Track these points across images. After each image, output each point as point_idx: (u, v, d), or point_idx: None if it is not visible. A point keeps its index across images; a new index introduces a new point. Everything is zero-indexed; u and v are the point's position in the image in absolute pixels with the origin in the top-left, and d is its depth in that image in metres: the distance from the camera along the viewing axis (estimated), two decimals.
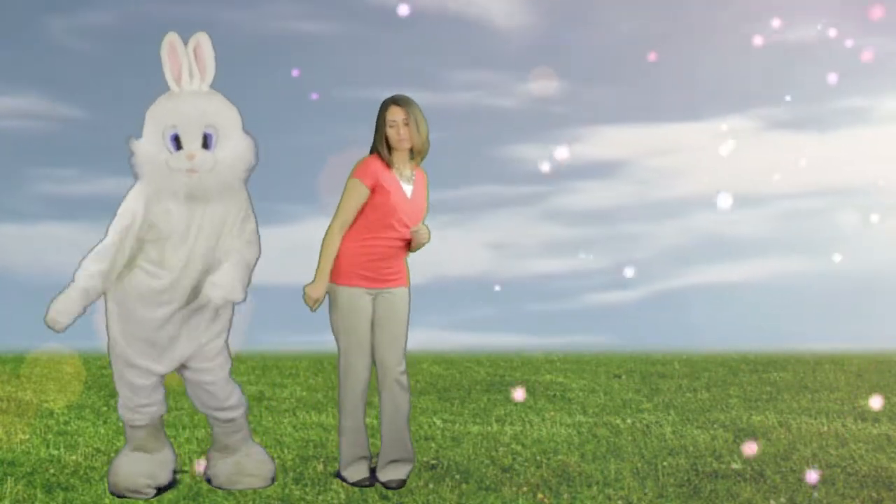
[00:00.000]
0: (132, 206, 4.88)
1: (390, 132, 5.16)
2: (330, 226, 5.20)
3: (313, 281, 5.19)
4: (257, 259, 5.06)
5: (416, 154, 5.24)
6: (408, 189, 5.23)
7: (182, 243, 4.89)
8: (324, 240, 5.20)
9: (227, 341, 5.16)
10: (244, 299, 4.99)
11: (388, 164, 5.19)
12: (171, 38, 4.87)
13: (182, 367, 5.11)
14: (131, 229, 4.85)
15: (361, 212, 5.17)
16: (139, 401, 5.04)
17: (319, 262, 5.20)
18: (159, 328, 4.96)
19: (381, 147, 5.19)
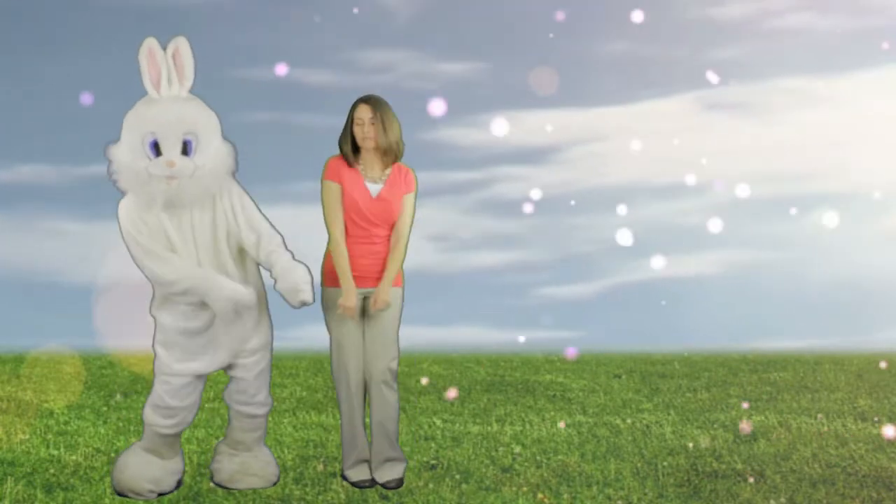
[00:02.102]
0: (129, 225, 4.87)
1: (356, 129, 5.16)
2: (330, 237, 5.20)
3: (343, 294, 5.16)
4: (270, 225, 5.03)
5: (384, 154, 5.19)
6: (373, 188, 5.20)
7: (185, 252, 4.88)
8: (332, 252, 5.19)
9: (269, 337, 5.15)
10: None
11: (350, 163, 5.19)
12: (150, 44, 4.84)
13: (227, 367, 5.12)
14: (150, 241, 4.85)
15: None
16: (171, 402, 5.01)
17: (341, 275, 5.16)
18: (195, 336, 4.96)
19: (345, 144, 5.20)
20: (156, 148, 4.79)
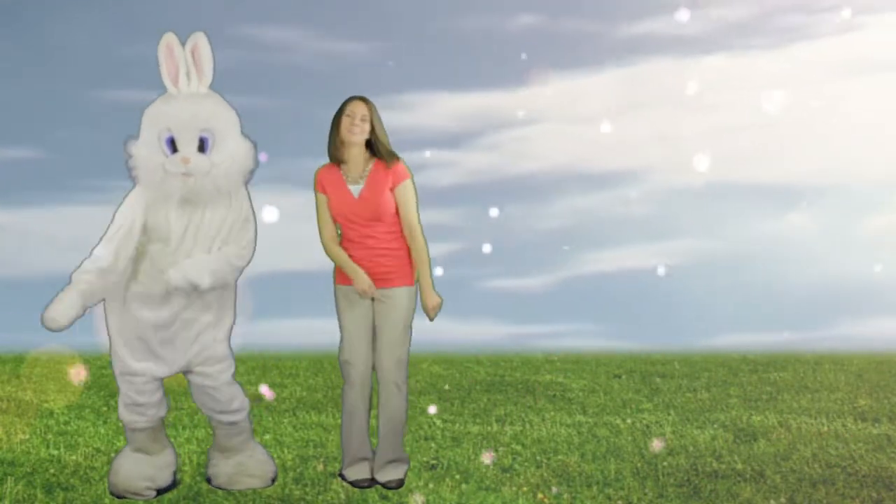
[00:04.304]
0: (131, 210, 4.85)
1: (344, 121, 5.12)
2: (321, 243, 5.25)
3: (355, 282, 5.19)
4: (244, 263, 4.99)
5: (371, 152, 5.17)
6: (355, 189, 5.19)
7: (178, 248, 4.86)
8: (328, 255, 5.25)
9: (229, 345, 5.13)
10: (208, 287, 4.84)
11: (338, 161, 5.18)
12: (169, 39, 4.81)
13: (186, 371, 5.09)
14: (130, 233, 4.82)
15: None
16: (139, 399, 5.02)
17: (344, 268, 5.21)
18: (156, 333, 4.94)
19: (334, 139, 5.16)
20: (172, 144, 4.77)
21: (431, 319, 5.27)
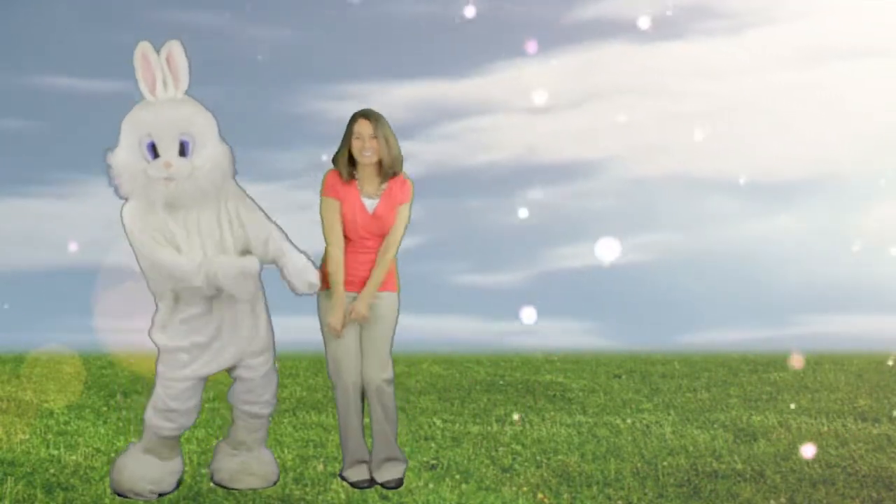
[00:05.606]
0: (136, 227, 4.86)
1: (355, 144, 5.12)
2: (329, 254, 5.17)
3: (332, 309, 5.14)
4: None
5: (384, 169, 5.14)
6: (370, 203, 5.17)
7: (191, 249, 4.88)
8: (329, 268, 5.16)
9: (273, 341, 5.14)
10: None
11: (345, 178, 5.15)
12: (144, 48, 4.85)
13: (232, 367, 5.10)
14: (161, 240, 4.85)
15: None
16: (172, 405, 5.00)
17: (334, 288, 5.15)
18: (197, 332, 4.95)
19: (342, 157, 5.15)
20: (153, 150, 4.80)
21: (350, 321, 5.20)
